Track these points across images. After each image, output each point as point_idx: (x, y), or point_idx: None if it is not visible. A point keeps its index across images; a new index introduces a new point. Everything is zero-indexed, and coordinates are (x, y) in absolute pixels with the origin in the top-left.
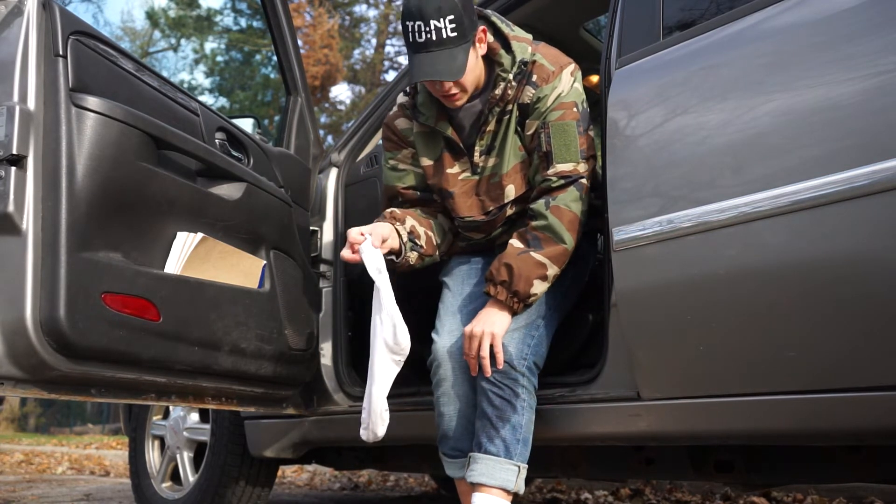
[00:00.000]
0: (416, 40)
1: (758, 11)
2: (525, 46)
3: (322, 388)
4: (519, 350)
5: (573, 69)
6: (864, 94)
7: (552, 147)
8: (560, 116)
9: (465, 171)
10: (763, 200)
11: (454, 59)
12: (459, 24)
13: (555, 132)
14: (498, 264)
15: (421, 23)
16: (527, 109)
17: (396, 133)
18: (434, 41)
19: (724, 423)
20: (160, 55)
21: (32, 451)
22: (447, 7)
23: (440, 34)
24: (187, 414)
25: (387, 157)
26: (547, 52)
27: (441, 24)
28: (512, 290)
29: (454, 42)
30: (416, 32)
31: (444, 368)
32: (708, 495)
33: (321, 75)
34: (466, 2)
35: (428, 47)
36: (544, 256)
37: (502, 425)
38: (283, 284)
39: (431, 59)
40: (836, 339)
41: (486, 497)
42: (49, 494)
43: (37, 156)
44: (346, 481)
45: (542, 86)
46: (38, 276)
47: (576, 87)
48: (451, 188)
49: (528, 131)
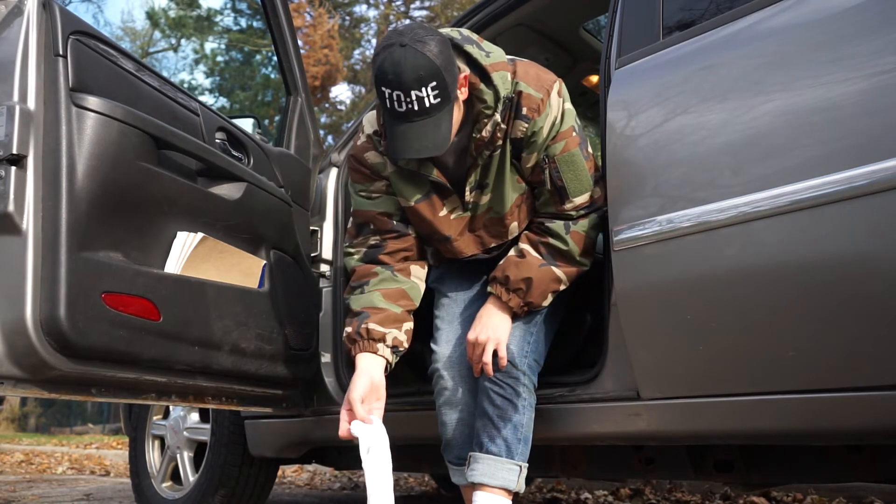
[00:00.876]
0: (395, 109)
1: (757, 11)
2: (505, 75)
3: (322, 387)
4: (520, 348)
5: (559, 88)
6: (864, 94)
7: (565, 182)
8: (563, 148)
9: (456, 209)
10: (763, 200)
11: (439, 128)
12: (443, 88)
13: (563, 166)
14: (516, 273)
15: (400, 93)
16: (520, 143)
17: (367, 166)
18: (416, 111)
19: (724, 423)
20: (160, 55)
21: (33, 451)
22: (428, 73)
23: (423, 104)
24: (187, 414)
25: (356, 188)
26: (528, 76)
27: (423, 93)
28: (526, 300)
29: (438, 109)
30: (394, 101)
31: (444, 379)
32: (708, 495)
33: (321, 75)
34: (446, 55)
35: (409, 118)
36: (563, 273)
37: (504, 425)
38: (283, 284)
39: (414, 132)
40: (836, 339)
41: (487, 496)
42: (49, 494)
43: (37, 155)
44: (346, 481)
45: (533, 118)
46: (38, 275)
47: (566, 107)
48: (447, 232)
49: (526, 164)
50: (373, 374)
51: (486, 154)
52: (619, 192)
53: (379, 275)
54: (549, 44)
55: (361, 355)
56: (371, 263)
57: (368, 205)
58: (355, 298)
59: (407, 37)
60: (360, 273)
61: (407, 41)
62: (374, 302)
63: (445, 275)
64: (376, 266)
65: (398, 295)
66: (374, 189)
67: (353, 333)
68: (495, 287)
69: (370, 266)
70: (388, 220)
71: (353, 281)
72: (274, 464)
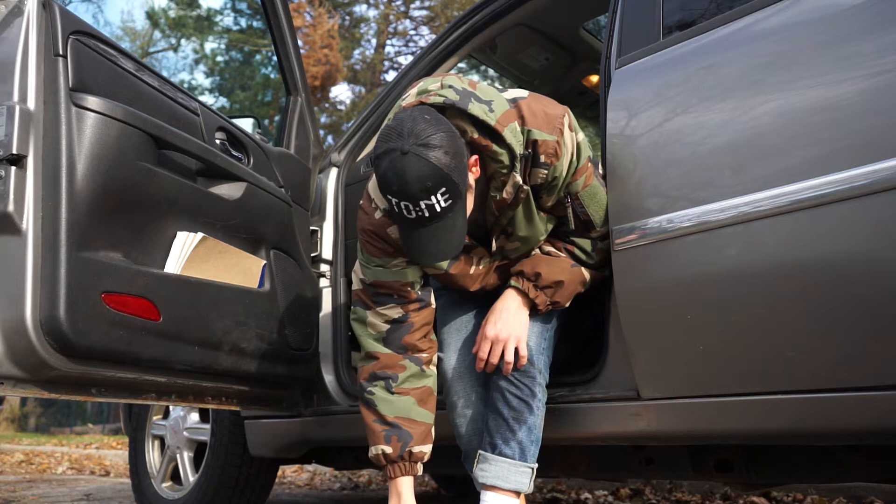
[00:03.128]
0: (406, 216)
1: (757, 11)
2: (514, 128)
3: (322, 387)
4: (538, 345)
5: (569, 122)
6: (864, 94)
7: (590, 215)
8: (584, 183)
9: (484, 257)
10: (763, 200)
11: (454, 228)
12: (453, 191)
13: (587, 200)
14: (548, 272)
15: (408, 203)
16: (539, 187)
17: (389, 241)
18: (428, 217)
19: (724, 423)
20: (160, 55)
21: (33, 451)
22: (436, 182)
23: (433, 210)
24: (187, 414)
25: (372, 261)
26: (537, 119)
27: (432, 200)
28: (553, 299)
29: (450, 209)
30: (402, 209)
31: (455, 389)
32: (708, 495)
33: (321, 75)
34: (452, 151)
35: (422, 224)
36: (590, 276)
37: (519, 427)
38: (283, 284)
39: (428, 236)
40: (836, 339)
41: (498, 497)
42: (49, 494)
43: (37, 155)
44: (346, 481)
45: (552, 164)
46: (38, 275)
47: (579, 139)
48: (478, 284)
49: (547, 204)
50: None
51: (510, 213)
52: (619, 192)
53: (407, 369)
54: (549, 44)
55: (402, 479)
56: (397, 352)
57: (389, 276)
58: (386, 401)
59: (408, 141)
60: (385, 363)
61: (408, 148)
62: (410, 413)
63: None
64: (404, 358)
65: (428, 395)
66: (393, 264)
67: (395, 456)
68: (522, 282)
69: (397, 357)
70: (412, 291)
71: (377, 369)
72: (274, 464)
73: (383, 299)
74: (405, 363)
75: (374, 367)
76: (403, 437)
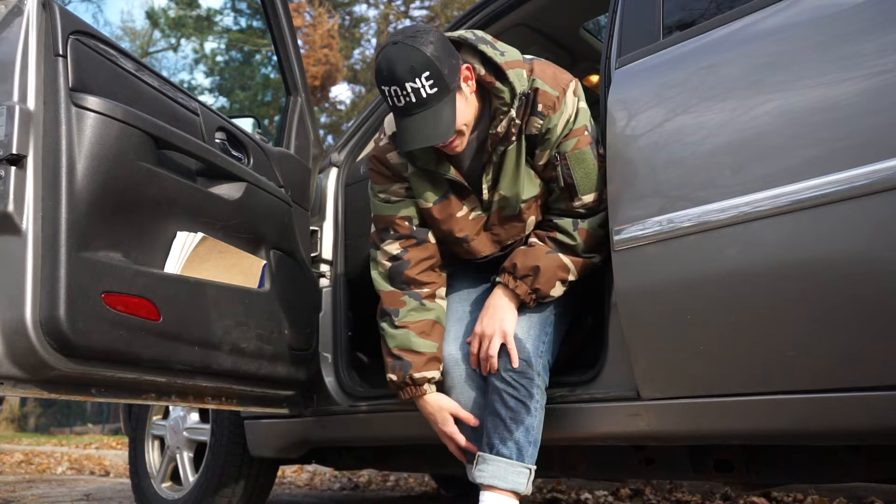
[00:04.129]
0: (397, 105)
1: (757, 11)
2: (521, 73)
3: (322, 388)
4: (535, 347)
5: (575, 87)
6: (864, 94)
7: (575, 180)
8: (575, 145)
9: (475, 209)
10: (763, 200)
11: (440, 118)
12: (438, 77)
13: (574, 163)
14: (524, 260)
15: (396, 87)
16: (534, 140)
17: (389, 167)
18: (415, 103)
19: (724, 423)
20: (160, 55)
21: (32, 451)
22: (420, 64)
23: (419, 95)
24: (187, 414)
25: (376, 189)
26: (545, 74)
27: (417, 83)
28: (534, 287)
29: (436, 98)
30: (394, 97)
31: (451, 376)
32: (708, 495)
33: (321, 75)
34: (441, 47)
35: (410, 111)
36: (571, 262)
37: (516, 427)
38: (283, 284)
39: (416, 124)
40: (836, 339)
41: (496, 497)
42: (49, 494)
43: (37, 155)
44: (346, 481)
45: (549, 115)
46: (38, 275)
47: (581, 106)
48: (465, 233)
49: (539, 161)
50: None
51: (501, 150)
52: (619, 192)
53: (407, 304)
54: (549, 44)
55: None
56: (397, 288)
57: (388, 209)
58: (390, 334)
59: (400, 35)
60: (388, 300)
61: (399, 39)
62: (412, 344)
63: (457, 272)
64: (403, 293)
65: (430, 327)
66: (393, 191)
67: (400, 382)
68: (503, 276)
69: (398, 293)
70: (408, 226)
71: (383, 306)
72: (274, 464)
73: (384, 234)
74: (405, 299)
75: (382, 305)
76: (404, 367)
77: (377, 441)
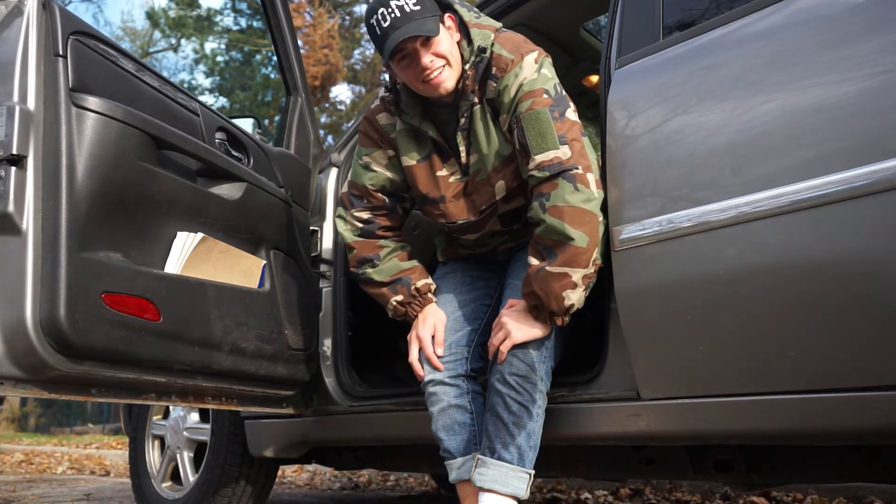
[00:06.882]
0: (383, 26)
1: (757, 11)
2: (487, 34)
3: (322, 387)
4: (539, 353)
5: (538, 56)
6: (864, 94)
7: (527, 139)
8: (529, 106)
9: (455, 173)
10: (763, 200)
11: (424, 23)
12: (421, 1)
13: (527, 123)
14: (527, 288)
15: (383, 9)
16: (494, 104)
17: (377, 129)
18: (399, 17)
19: (724, 423)
20: (160, 55)
21: (33, 451)
22: None
23: (403, 10)
24: (187, 414)
25: (361, 152)
26: (508, 41)
27: (402, 1)
28: (547, 310)
29: (420, 14)
30: (381, 20)
31: (434, 381)
32: (708, 495)
33: (321, 75)
34: None
35: (395, 25)
36: (560, 266)
37: (518, 432)
38: (283, 284)
39: (402, 32)
40: (836, 339)
41: (496, 501)
42: (49, 494)
43: (37, 156)
44: (346, 481)
45: (500, 77)
46: (38, 276)
47: (543, 72)
48: (441, 192)
49: (503, 127)
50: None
51: (466, 111)
52: (619, 193)
53: (385, 247)
54: (549, 44)
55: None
56: (372, 238)
57: (366, 177)
58: (376, 271)
59: None
60: (364, 248)
61: None
62: (401, 266)
63: (448, 274)
64: (379, 240)
65: (410, 255)
66: (375, 157)
67: (407, 298)
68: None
69: (372, 241)
70: (382, 198)
71: (359, 255)
72: (274, 464)
73: (356, 201)
74: (382, 243)
75: (357, 255)
76: (405, 283)
77: (377, 441)
